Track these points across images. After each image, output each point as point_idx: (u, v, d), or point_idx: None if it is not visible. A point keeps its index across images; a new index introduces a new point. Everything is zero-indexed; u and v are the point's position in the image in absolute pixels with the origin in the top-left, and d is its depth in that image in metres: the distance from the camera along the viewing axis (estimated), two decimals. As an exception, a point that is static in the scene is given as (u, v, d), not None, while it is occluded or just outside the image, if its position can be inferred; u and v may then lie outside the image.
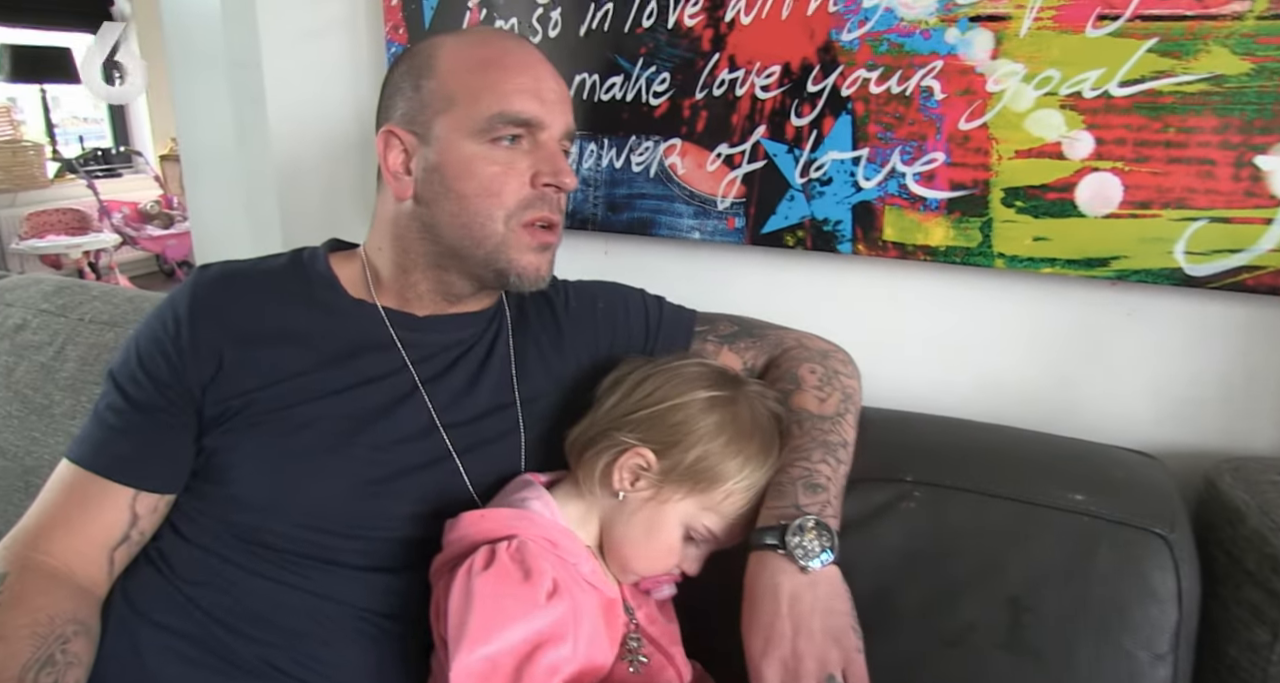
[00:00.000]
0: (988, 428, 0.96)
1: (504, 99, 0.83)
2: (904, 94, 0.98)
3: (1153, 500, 0.85)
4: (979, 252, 0.98)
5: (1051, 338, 1.00)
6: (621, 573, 0.83)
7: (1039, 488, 0.86)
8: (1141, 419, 0.98)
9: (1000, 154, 0.96)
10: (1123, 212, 0.92)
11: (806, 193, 1.04)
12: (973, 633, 0.83)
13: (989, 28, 0.94)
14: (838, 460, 0.84)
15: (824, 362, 0.94)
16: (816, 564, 0.75)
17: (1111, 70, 0.90)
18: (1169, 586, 0.80)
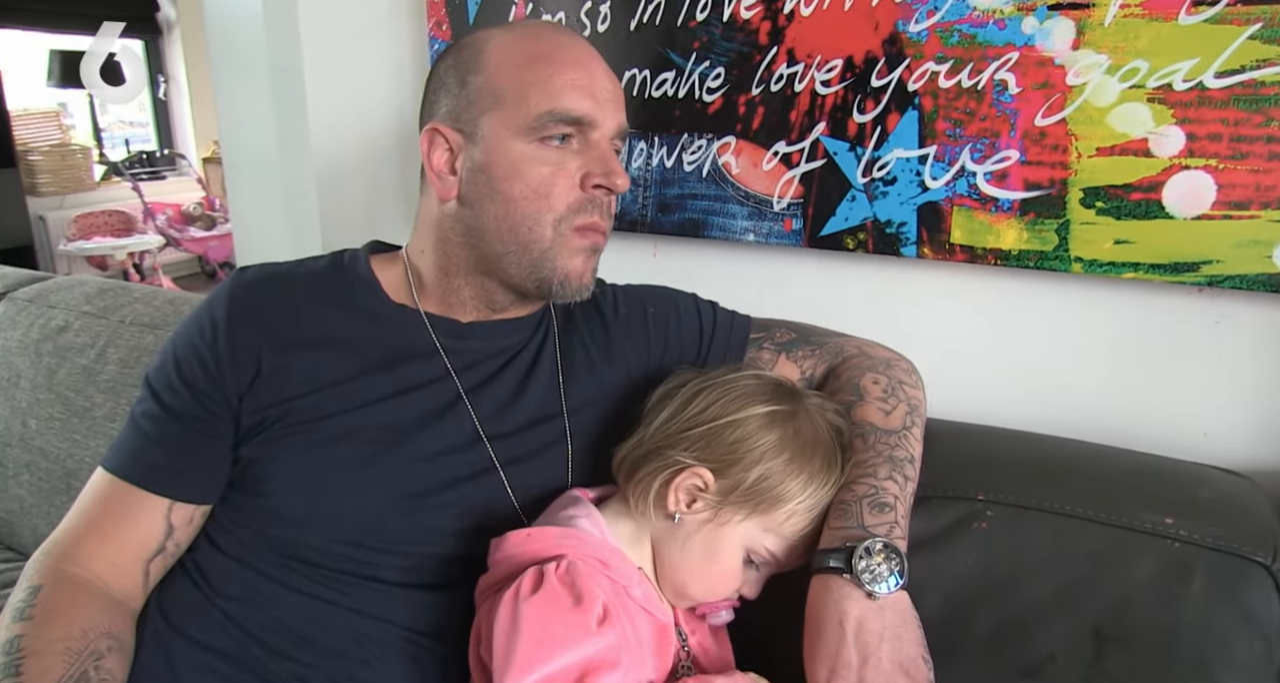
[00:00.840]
0: (1064, 443, 0.90)
1: (555, 96, 0.79)
2: (976, 88, 0.93)
3: (1250, 524, 0.78)
4: (1055, 256, 0.92)
5: (1132, 348, 0.93)
6: (676, 598, 0.79)
7: (1123, 509, 0.80)
8: (1232, 436, 0.91)
9: (1080, 152, 0.90)
10: (1215, 212, 0.86)
11: (869, 193, 0.99)
12: (1052, 665, 0.77)
13: (1070, 16, 0.88)
14: (905, 478, 0.79)
15: (887, 371, 0.89)
16: (884, 589, 0.70)
17: (1207, 60, 0.84)
18: (1273, 618, 0.74)
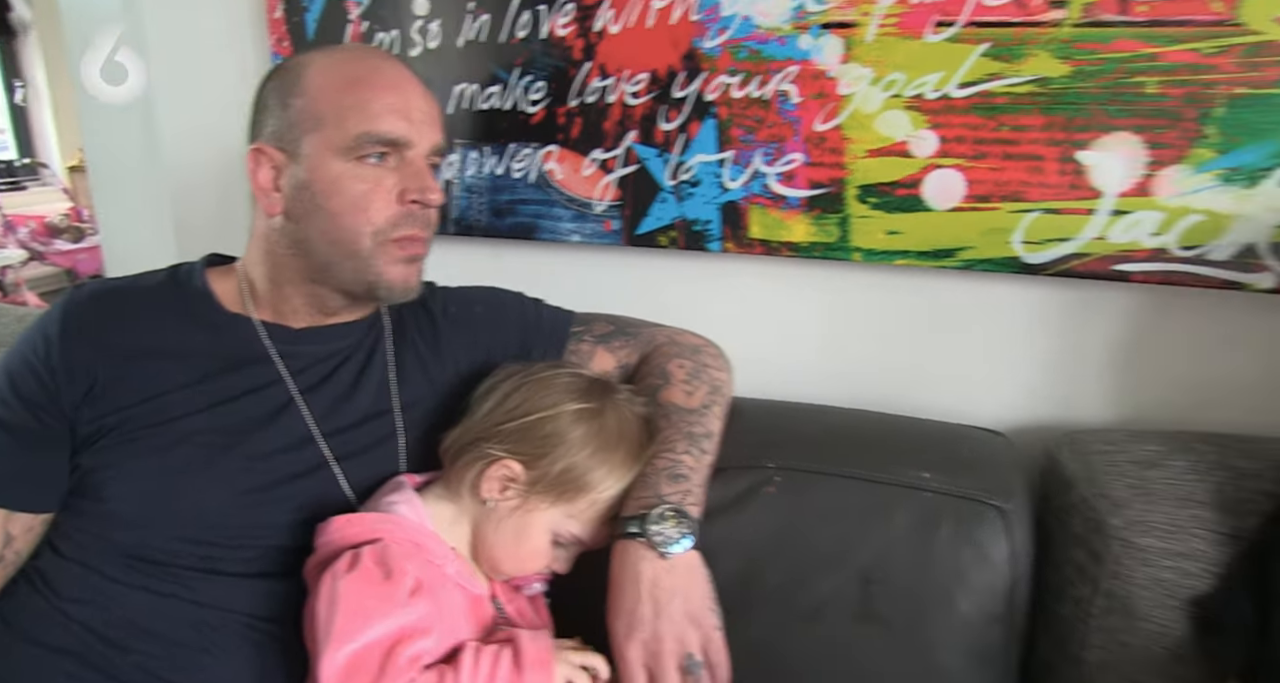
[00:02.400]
0: (848, 413, 1.02)
1: (371, 119, 0.84)
2: (763, 98, 1.03)
3: (992, 475, 0.91)
4: (838, 246, 1.04)
5: (908, 326, 1.06)
6: (493, 573, 0.86)
7: (890, 469, 0.92)
8: (992, 399, 1.05)
9: (853, 153, 1.01)
10: (966, 205, 0.99)
11: (677, 194, 1.09)
12: (828, 607, 0.88)
13: (838, 34, 0.99)
14: (701, 451, 0.89)
15: (694, 356, 0.98)
16: (676, 550, 0.79)
17: (950, 73, 0.96)
18: (1002, 552, 0.87)
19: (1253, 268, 0.93)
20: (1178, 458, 0.90)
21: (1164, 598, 0.84)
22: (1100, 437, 0.95)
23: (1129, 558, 0.85)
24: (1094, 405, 1.02)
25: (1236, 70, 0.89)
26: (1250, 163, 0.90)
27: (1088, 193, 0.95)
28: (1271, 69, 0.88)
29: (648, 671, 0.78)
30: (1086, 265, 0.97)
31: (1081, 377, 1.02)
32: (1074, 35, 0.92)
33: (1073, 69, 0.93)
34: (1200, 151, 0.91)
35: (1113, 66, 0.92)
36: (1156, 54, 0.90)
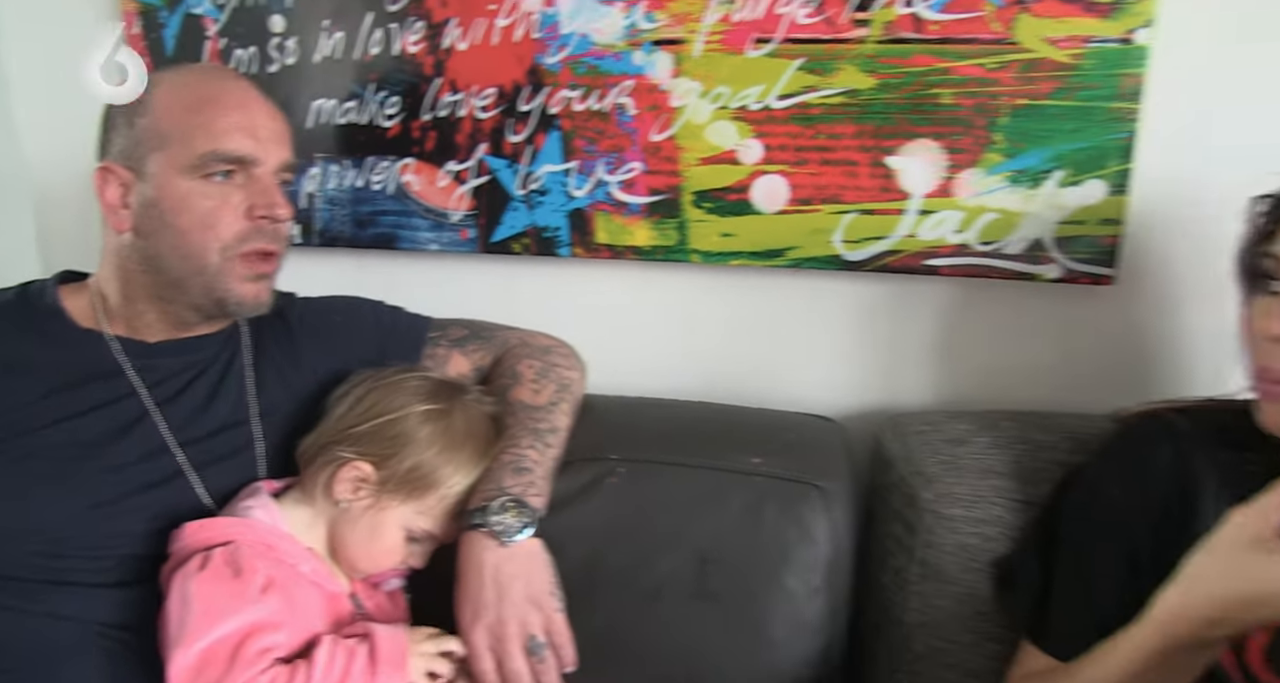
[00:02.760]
0: (690, 406, 1.09)
1: (216, 138, 0.87)
2: (603, 111, 1.09)
3: (816, 457, 0.99)
4: (678, 249, 1.10)
5: (746, 322, 1.13)
6: (350, 571, 0.90)
7: (725, 456, 0.98)
8: (826, 388, 1.12)
9: (687, 162, 1.08)
10: (791, 208, 1.06)
11: (528, 203, 1.14)
12: (666, 588, 0.94)
13: (669, 50, 1.06)
14: (546, 445, 0.94)
15: (544, 357, 1.03)
16: (518, 538, 0.84)
17: (770, 86, 1.04)
18: (823, 529, 0.94)
19: (1041, 260, 1.03)
20: (983, 435, 0.98)
21: (969, 562, 0.93)
22: (920, 419, 1.03)
23: (939, 527, 0.94)
24: (917, 390, 1.10)
25: (1016, 84, 0.98)
26: (1033, 166, 1.00)
27: (897, 195, 1.03)
28: (1045, 83, 0.98)
29: (494, 654, 0.83)
30: (900, 261, 1.05)
31: (904, 364, 1.11)
32: (877, 51, 1.00)
33: (878, 82, 1.01)
34: (991, 156, 1.01)
35: (912, 79, 1.00)
36: (949, 68, 0.99)
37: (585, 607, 0.90)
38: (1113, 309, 1.04)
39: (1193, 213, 1.00)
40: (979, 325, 1.08)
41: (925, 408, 1.09)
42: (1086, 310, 1.05)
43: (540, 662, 0.84)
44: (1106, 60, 0.96)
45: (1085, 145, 0.99)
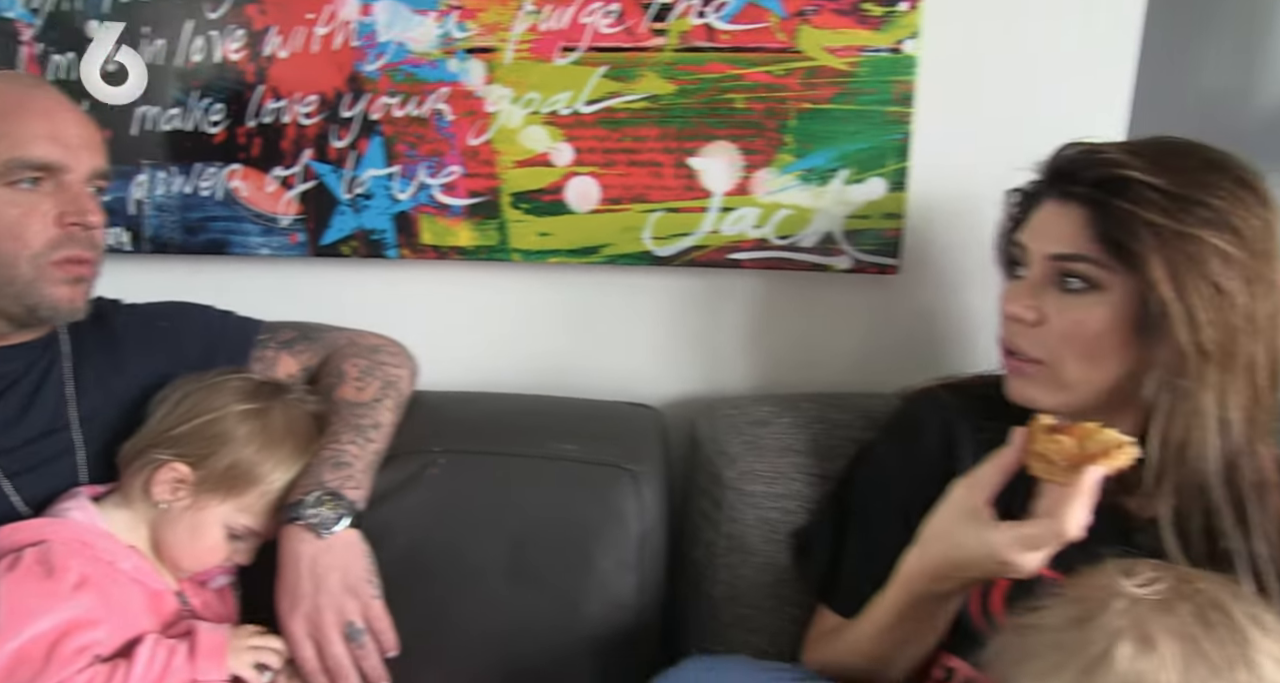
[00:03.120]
0: (514, 398, 1.14)
1: (20, 145, 0.86)
2: (422, 117, 1.13)
3: (627, 443, 1.04)
4: (499, 249, 1.15)
5: (569, 317, 1.19)
6: (175, 570, 0.91)
7: (540, 444, 1.03)
8: (647, 377, 1.19)
9: (504, 165, 1.12)
10: (602, 208, 1.12)
11: (354, 207, 1.17)
12: (485, 570, 0.98)
13: (481, 58, 1.10)
14: (367, 440, 0.97)
15: (371, 356, 1.06)
16: (335, 530, 0.87)
17: (578, 92, 1.09)
18: (632, 509, 1.00)
19: (833, 252, 1.11)
20: (785, 416, 1.06)
21: (770, 534, 1.00)
22: (730, 404, 1.10)
23: (741, 503, 1.01)
24: (732, 377, 1.18)
25: (801, 89, 1.06)
26: (820, 165, 1.08)
27: (700, 193, 1.10)
28: (826, 88, 1.06)
29: (313, 641, 0.86)
30: (706, 256, 1.12)
31: (718, 353, 1.18)
32: (675, 59, 1.07)
33: (677, 87, 1.08)
34: (783, 156, 1.08)
35: (708, 85, 1.07)
36: (740, 75, 1.07)
37: (409, 593, 0.94)
38: (900, 296, 1.14)
39: (965, 206, 1.09)
40: (782, 314, 1.16)
41: (740, 393, 1.16)
42: (877, 298, 1.14)
43: (360, 647, 0.87)
44: (879, 68, 1.05)
45: (866, 146, 1.07)
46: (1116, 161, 0.77)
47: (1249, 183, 0.77)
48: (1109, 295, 0.77)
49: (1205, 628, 0.58)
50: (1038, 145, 0.84)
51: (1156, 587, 0.60)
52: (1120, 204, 0.75)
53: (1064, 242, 0.79)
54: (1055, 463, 0.68)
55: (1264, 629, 0.58)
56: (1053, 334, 0.79)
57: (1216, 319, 0.73)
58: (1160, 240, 0.73)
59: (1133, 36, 1.05)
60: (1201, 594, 0.60)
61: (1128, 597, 0.60)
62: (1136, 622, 0.58)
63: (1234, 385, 0.75)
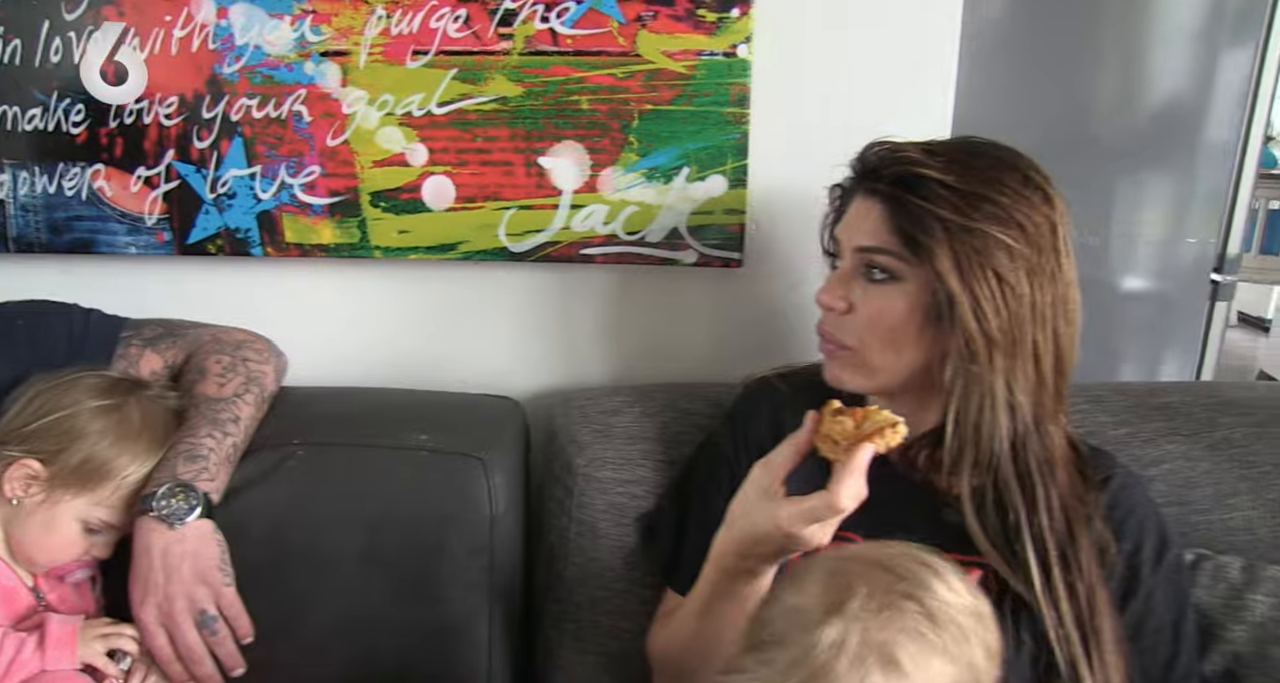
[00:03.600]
0: (377, 392, 1.18)
1: None
2: (280, 118, 1.15)
3: (481, 433, 1.09)
4: (361, 246, 1.18)
5: (431, 312, 1.23)
6: (30, 565, 0.94)
7: (395, 434, 1.07)
8: (509, 371, 1.23)
9: (362, 165, 1.16)
10: (458, 206, 1.16)
11: (218, 206, 1.19)
12: (343, 556, 1.02)
13: (336, 61, 1.13)
14: (225, 433, 1.00)
15: (235, 352, 1.09)
16: (188, 521, 0.91)
17: (429, 94, 1.13)
18: (483, 495, 1.04)
19: (680, 248, 1.17)
20: (636, 405, 1.11)
21: (619, 519, 1.05)
22: (585, 394, 1.15)
23: (591, 489, 1.06)
24: (589, 369, 1.23)
25: (643, 91, 1.11)
26: (664, 164, 1.13)
27: (551, 191, 1.15)
28: (666, 90, 1.11)
29: (165, 630, 0.90)
30: (559, 252, 1.17)
31: (577, 346, 1.23)
32: (521, 62, 1.11)
33: (524, 90, 1.12)
34: (628, 156, 1.13)
35: (554, 87, 1.11)
36: (584, 78, 1.11)
37: (269, 582, 0.98)
38: (744, 289, 1.20)
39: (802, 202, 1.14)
40: (635, 308, 1.22)
41: (598, 384, 1.22)
42: (723, 291, 1.20)
43: (213, 634, 0.91)
44: (715, 71, 1.10)
45: (706, 145, 1.13)
46: (913, 160, 0.83)
47: (1036, 183, 0.83)
48: (906, 286, 0.83)
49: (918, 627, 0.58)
50: (866, 142, 0.90)
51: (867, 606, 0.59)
52: (913, 200, 0.81)
53: (867, 236, 0.85)
54: (838, 442, 0.73)
55: (937, 575, 0.61)
56: (860, 322, 0.86)
57: (1001, 309, 0.79)
58: (949, 234, 0.79)
59: (951, 43, 1.12)
60: (905, 591, 0.60)
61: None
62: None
63: (1021, 371, 0.81)
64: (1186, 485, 1.05)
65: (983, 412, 0.81)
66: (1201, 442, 1.07)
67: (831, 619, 0.58)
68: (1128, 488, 0.87)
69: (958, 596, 0.61)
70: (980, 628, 0.61)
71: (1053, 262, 0.81)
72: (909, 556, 0.64)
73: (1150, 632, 0.82)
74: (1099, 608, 0.79)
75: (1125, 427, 1.09)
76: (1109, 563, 0.82)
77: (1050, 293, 0.81)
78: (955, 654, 0.59)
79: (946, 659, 0.59)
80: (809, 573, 0.64)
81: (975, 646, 0.60)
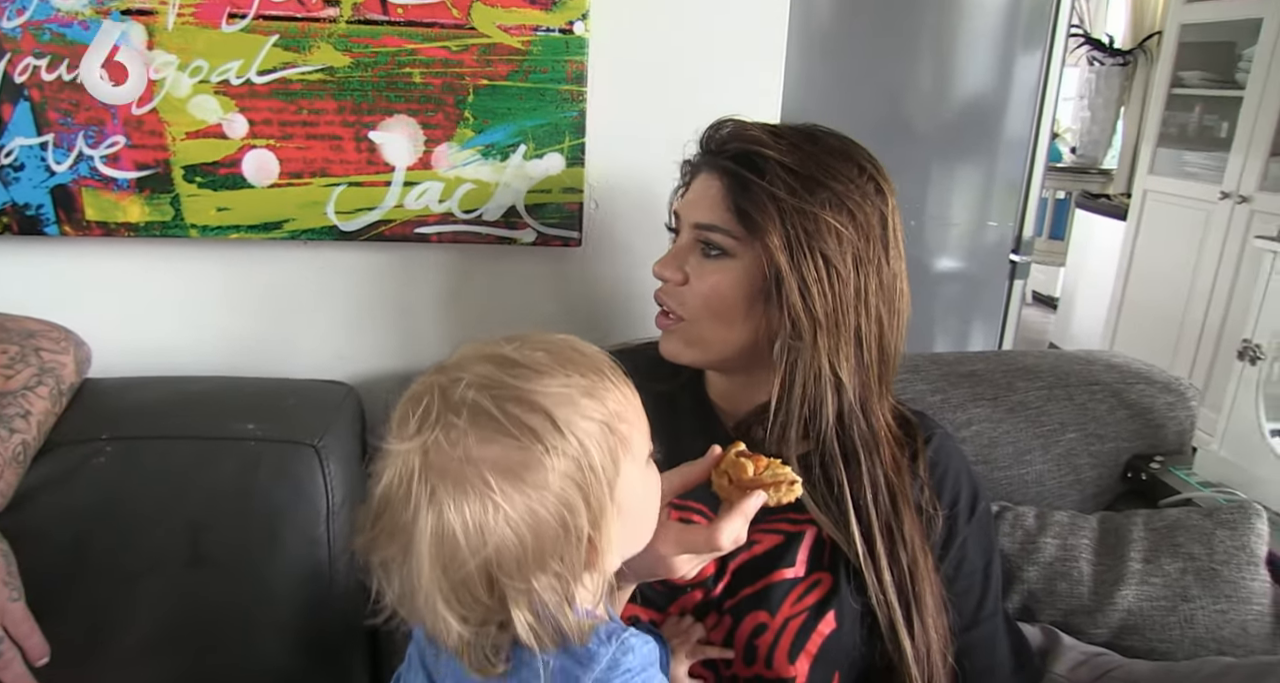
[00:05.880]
0: (195, 380, 1.10)
1: None
2: (75, 81, 1.05)
3: (312, 420, 1.04)
4: (174, 225, 1.10)
5: (256, 294, 1.16)
6: None
7: (218, 425, 1.01)
8: (342, 355, 1.19)
9: (174, 136, 1.07)
10: (283, 181, 1.10)
11: (2, 179, 1.07)
12: (161, 559, 0.95)
13: (140, 21, 1.04)
14: (11, 431, 0.90)
15: (24, 341, 0.99)
16: None
17: (248, 61, 1.06)
18: (317, 483, 1.00)
19: (518, 226, 1.15)
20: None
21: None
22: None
23: (432, 472, 1.03)
24: (427, 352, 1.19)
25: (478, 66, 1.09)
26: (500, 141, 1.11)
27: (383, 167, 1.10)
28: (502, 65, 1.09)
29: None
30: (393, 230, 1.13)
31: (415, 328, 1.20)
32: (349, 31, 1.06)
33: (353, 60, 1.07)
34: (463, 131, 1.11)
35: (385, 59, 1.07)
36: (416, 50, 1.07)
37: (74, 590, 0.90)
38: (583, 267, 1.20)
39: (639, 181, 1.16)
40: (473, 287, 1.19)
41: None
42: (561, 270, 1.20)
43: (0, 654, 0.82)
44: (552, 48, 1.09)
45: (543, 122, 1.12)
46: (757, 139, 0.85)
47: (871, 175, 0.86)
48: (739, 263, 0.85)
49: (489, 420, 0.55)
50: (701, 124, 0.91)
51: (424, 426, 0.57)
52: (752, 178, 0.83)
53: (705, 212, 0.87)
54: (734, 483, 0.73)
55: (535, 372, 0.58)
56: (694, 295, 0.87)
57: (826, 291, 0.82)
58: (781, 213, 0.82)
59: (780, 31, 1.16)
60: (463, 389, 0.57)
61: (409, 452, 0.56)
62: (434, 470, 0.55)
63: (844, 352, 0.84)
64: (990, 445, 1.15)
65: (807, 387, 0.84)
66: (1002, 406, 1.17)
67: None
68: (945, 448, 0.93)
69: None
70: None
71: (880, 252, 0.85)
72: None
73: (965, 576, 0.89)
74: (920, 575, 0.84)
75: (939, 394, 1.18)
76: (933, 526, 0.87)
77: (875, 281, 0.85)
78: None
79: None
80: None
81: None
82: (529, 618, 0.56)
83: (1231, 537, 1.00)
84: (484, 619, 0.57)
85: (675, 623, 0.85)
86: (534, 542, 0.55)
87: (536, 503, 0.55)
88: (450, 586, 0.55)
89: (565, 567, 0.57)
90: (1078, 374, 1.23)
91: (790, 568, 0.85)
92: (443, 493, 0.54)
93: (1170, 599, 1.00)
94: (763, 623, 0.83)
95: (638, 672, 0.59)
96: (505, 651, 0.59)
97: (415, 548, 0.55)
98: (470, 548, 0.54)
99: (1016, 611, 1.05)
